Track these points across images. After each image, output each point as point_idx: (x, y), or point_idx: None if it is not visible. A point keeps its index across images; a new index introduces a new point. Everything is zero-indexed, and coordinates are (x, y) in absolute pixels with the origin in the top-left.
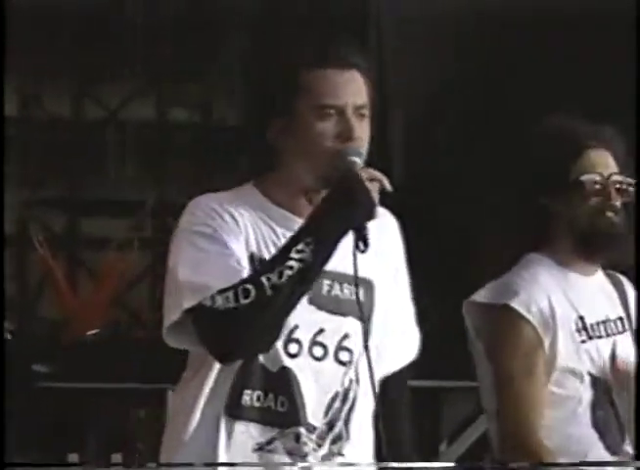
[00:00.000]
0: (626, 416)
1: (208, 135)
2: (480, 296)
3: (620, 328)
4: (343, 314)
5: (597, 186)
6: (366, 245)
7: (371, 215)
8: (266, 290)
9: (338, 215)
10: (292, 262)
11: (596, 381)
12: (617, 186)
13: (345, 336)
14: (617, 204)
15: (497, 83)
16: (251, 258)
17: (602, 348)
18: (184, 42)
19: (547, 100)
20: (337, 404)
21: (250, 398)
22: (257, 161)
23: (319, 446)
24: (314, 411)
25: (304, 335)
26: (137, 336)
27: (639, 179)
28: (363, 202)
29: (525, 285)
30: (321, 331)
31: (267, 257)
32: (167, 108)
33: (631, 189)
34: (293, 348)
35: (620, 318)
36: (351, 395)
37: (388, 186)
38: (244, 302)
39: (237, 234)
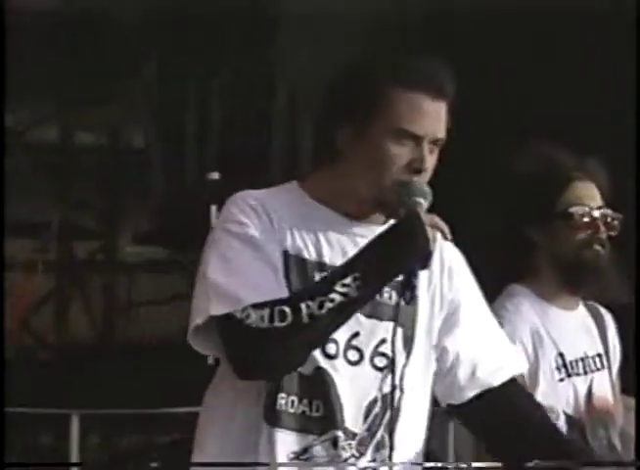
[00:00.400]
0: (601, 454)
1: (115, 158)
2: None
3: (599, 365)
4: (380, 318)
5: (585, 218)
6: (412, 298)
7: (426, 264)
8: (303, 317)
9: (392, 258)
10: (334, 295)
11: (571, 420)
12: (605, 219)
13: (383, 341)
14: (604, 237)
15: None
16: (285, 254)
17: (579, 386)
18: (92, 65)
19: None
20: (376, 410)
21: (285, 401)
22: (314, 157)
23: (361, 453)
24: (352, 416)
25: (340, 336)
26: (41, 359)
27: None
28: (421, 249)
29: (509, 317)
30: (356, 334)
31: (300, 254)
32: (73, 130)
33: (616, 223)
34: (331, 348)
35: (599, 355)
36: (395, 403)
37: (448, 235)
38: (278, 325)
39: (269, 231)
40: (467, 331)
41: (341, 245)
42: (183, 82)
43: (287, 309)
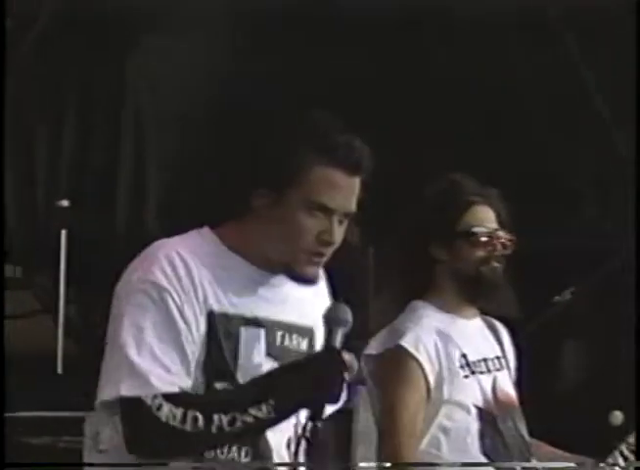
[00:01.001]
0: (514, 442)
1: None
2: (373, 347)
3: (498, 366)
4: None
5: (484, 238)
6: (313, 439)
7: (337, 401)
8: (212, 428)
9: (306, 397)
10: (246, 417)
11: (481, 412)
12: (502, 240)
13: None
14: (500, 255)
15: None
16: (210, 314)
17: (484, 383)
18: None
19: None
20: (293, 449)
21: (212, 450)
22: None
23: None
24: (280, 456)
25: None
26: None
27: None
28: (335, 388)
29: (412, 327)
30: None
31: (225, 311)
32: None
33: (509, 244)
34: None
35: (498, 357)
36: (303, 440)
37: (354, 373)
38: (188, 429)
39: (190, 294)
40: None
41: (260, 295)
42: (36, 109)
43: (199, 417)
